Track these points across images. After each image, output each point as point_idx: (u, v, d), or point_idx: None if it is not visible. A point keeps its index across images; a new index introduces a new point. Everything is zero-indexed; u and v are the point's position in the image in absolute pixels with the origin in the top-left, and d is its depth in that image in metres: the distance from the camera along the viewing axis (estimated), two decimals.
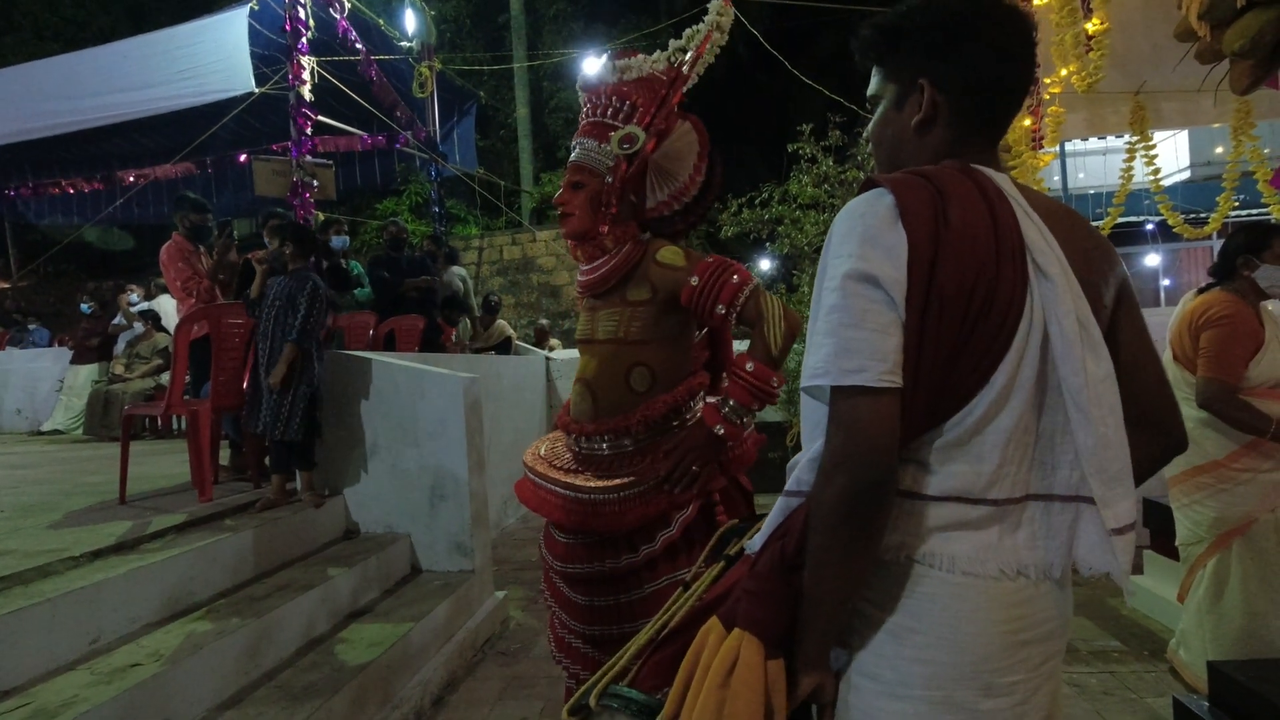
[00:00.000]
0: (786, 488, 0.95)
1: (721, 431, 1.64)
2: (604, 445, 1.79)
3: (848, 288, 0.85)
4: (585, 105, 1.88)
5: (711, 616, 0.99)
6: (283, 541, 3.09)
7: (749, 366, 1.63)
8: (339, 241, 5.84)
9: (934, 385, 0.86)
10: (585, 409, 1.82)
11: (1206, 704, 2.21)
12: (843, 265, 0.86)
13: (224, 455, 4.16)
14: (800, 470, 0.93)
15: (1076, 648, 2.98)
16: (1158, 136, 4.48)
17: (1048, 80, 3.63)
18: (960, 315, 0.85)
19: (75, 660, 2.07)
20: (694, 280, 1.68)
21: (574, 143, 1.86)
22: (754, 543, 0.99)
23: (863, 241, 0.86)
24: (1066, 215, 0.97)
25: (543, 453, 1.95)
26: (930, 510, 0.89)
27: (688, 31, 1.82)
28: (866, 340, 0.83)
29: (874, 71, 1.04)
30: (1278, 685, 2.00)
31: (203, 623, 2.38)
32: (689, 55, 1.80)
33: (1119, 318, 0.97)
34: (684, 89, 1.81)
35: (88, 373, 7.01)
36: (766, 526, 0.97)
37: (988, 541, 0.88)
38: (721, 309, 1.65)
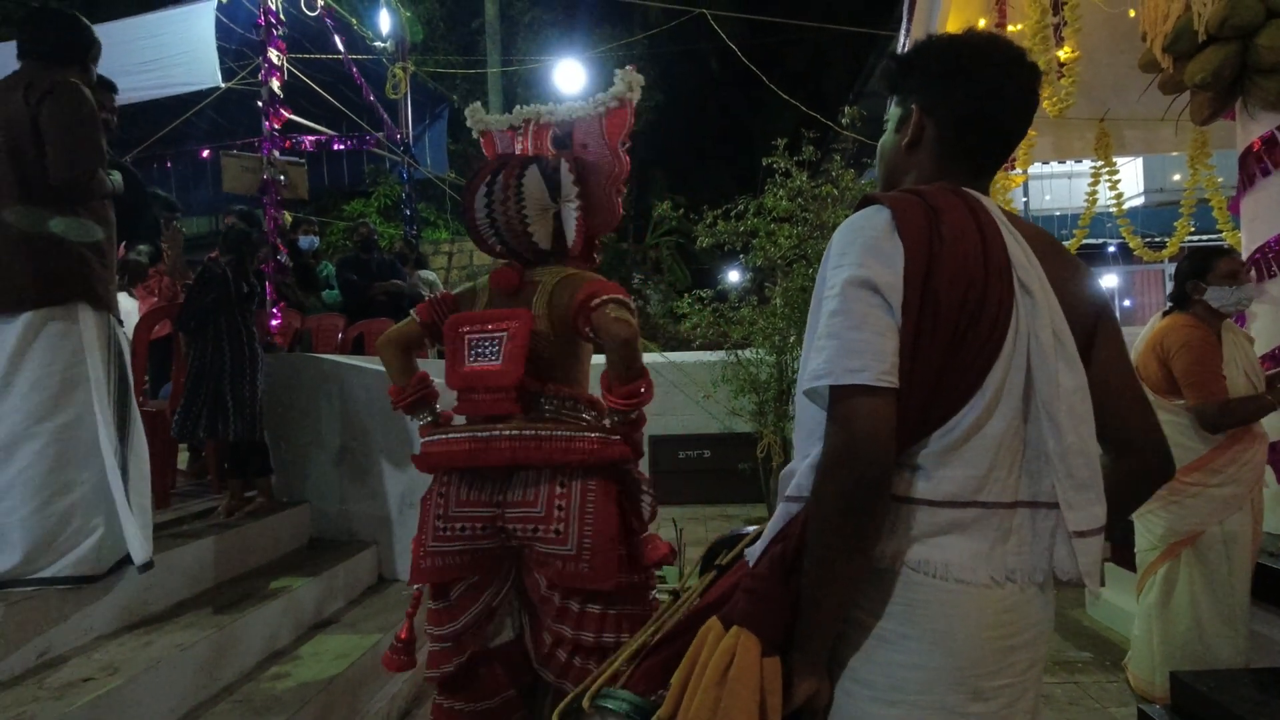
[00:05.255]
0: (786, 494, 0.97)
1: None
2: None
3: (848, 293, 0.90)
4: None
5: (706, 620, 1.00)
6: (244, 550, 2.98)
7: None
8: (307, 242, 5.72)
9: (927, 389, 0.89)
10: None
11: (1165, 712, 2.28)
12: (844, 273, 0.91)
13: (182, 460, 4.01)
14: (800, 476, 0.95)
15: None
16: (1117, 162, 4.65)
17: None
18: (952, 323, 0.89)
19: (23, 675, 1.96)
20: None
21: None
22: (754, 549, 1.00)
23: (862, 251, 0.91)
24: (1046, 240, 1.02)
25: None
26: (925, 516, 0.91)
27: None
28: (867, 342, 0.87)
29: (890, 97, 1.13)
30: (1236, 695, 2.07)
31: (160, 635, 2.27)
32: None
33: (1097, 341, 1.01)
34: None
35: None
36: (768, 531, 0.99)
37: (979, 550, 0.90)
38: None
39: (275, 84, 4.65)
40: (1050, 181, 13.25)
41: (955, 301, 0.89)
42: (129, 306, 6.57)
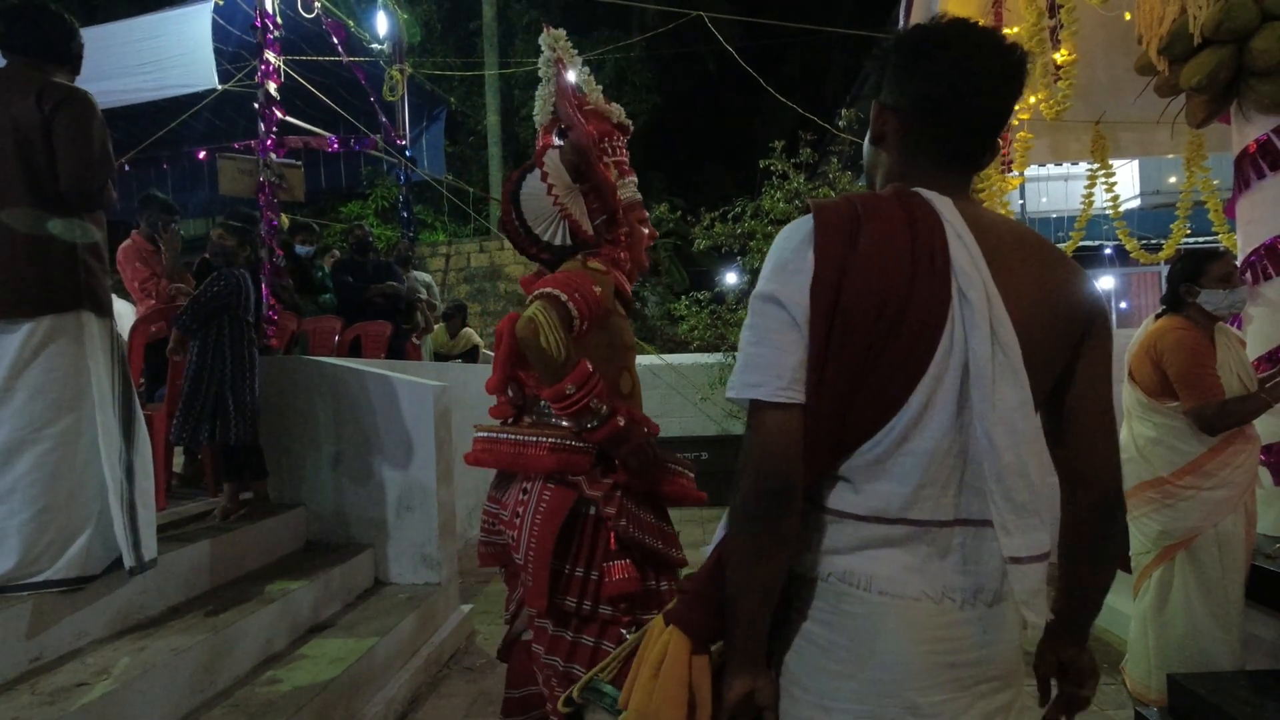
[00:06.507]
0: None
1: None
2: None
3: (755, 308, 0.92)
4: (620, 142, 1.99)
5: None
6: (240, 553, 2.97)
7: None
8: (304, 251, 5.72)
9: (841, 403, 0.88)
10: None
11: (1161, 714, 2.28)
12: (758, 287, 0.92)
13: (177, 463, 4.00)
14: None
15: None
16: (1113, 164, 4.66)
17: (1016, 107, 3.75)
18: (867, 336, 0.86)
19: (15, 679, 1.95)
20: None
21: (630, 179, 1.97)
22: (707, 549, 1.03)
23: (775, 266, 0.91)
24: (1019, 241, 0.94)
25: None
26: (850, 529, 0.91)
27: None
28: (766, 357, 0.88)
29: None
30: (1232, 697, 2.07)
31: (154, 639, 2.26)
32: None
33: (1081, 358, 0.94)
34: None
35: None
36: (717, 534, 1.02)
37: (910, 563, 0.89)
38: None
39: (272, 86, 4.64)
40: (1047, 184, 13.29)
41: (869, 314, 0.86)
42: (122, 309, 6.59)
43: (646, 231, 2.02)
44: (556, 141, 1.97)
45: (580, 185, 1.88)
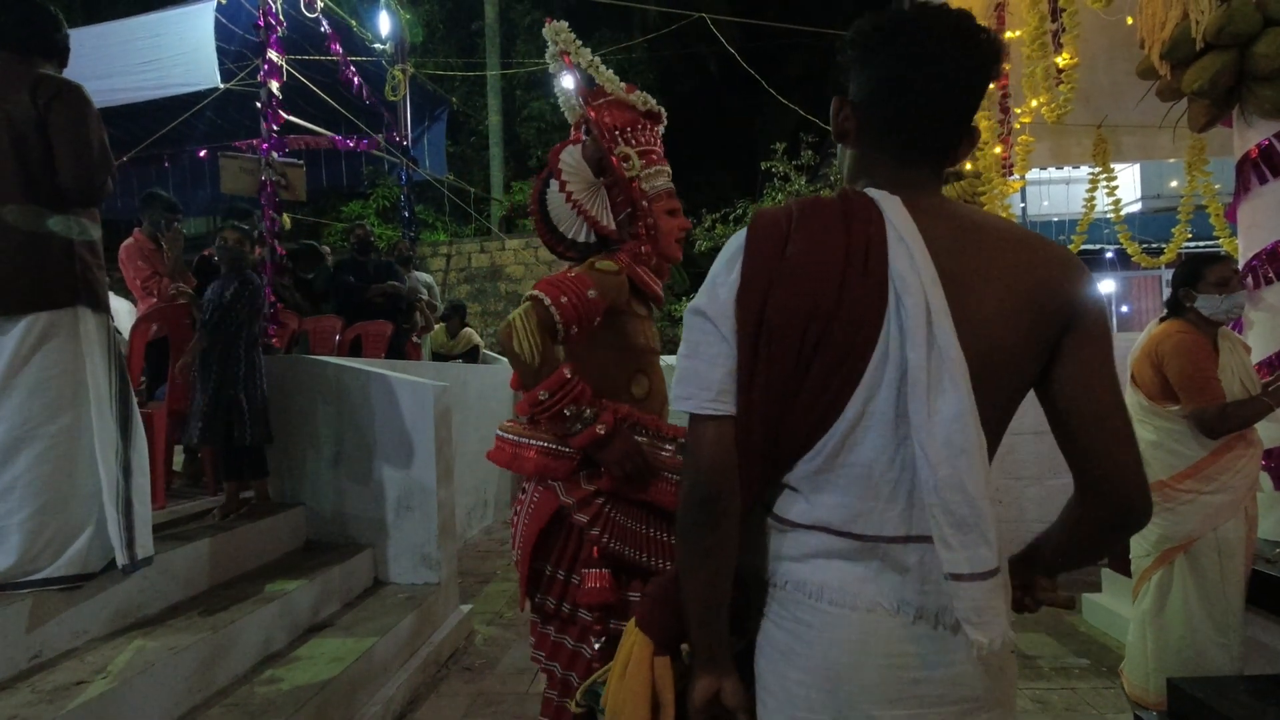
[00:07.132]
0: None
1: None
2: None
3: (688, 321, 0.93)
4: (648, 131, 1.90)
5: None
6: (239, 552, 2.97)
7: None
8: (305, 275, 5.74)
9: (773, 415, 0.87)
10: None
11: (1160, 718, 2.28)
12: (691, 301, 0.94)
13: (176, 461, 4.00)
14: None
15: (1039, 665, 3.04)
16: (1115, 168, 4.67)
17: (1018, 110, 3.76)
18: (795, 347, 0.85)
19: (14, 678, 1.95)
20: None
21: (659, 168, 1.87)
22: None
23: (710, 279, 0.93)
24: (1002, 242, 0.88)
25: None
26: (801, 538, 0.90)
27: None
28: (696, 370, 0.89)
29: None
30: (1232, 701, 2.07)
31: (153, 638, 2.26)
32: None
33: (1063, 355, 0.87)
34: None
35: None
36: None
37: (862, 574, 0.87)
38: None
39: (274, 85, 4.65)
40: (1048, 187, 13.32)
41: (795, 326, 0.84)
42: (119, 308, 6.61)
43: (676, 223, 1.90)
44: (584, 138, 1.92)
45: (604, 179, 1.84)
